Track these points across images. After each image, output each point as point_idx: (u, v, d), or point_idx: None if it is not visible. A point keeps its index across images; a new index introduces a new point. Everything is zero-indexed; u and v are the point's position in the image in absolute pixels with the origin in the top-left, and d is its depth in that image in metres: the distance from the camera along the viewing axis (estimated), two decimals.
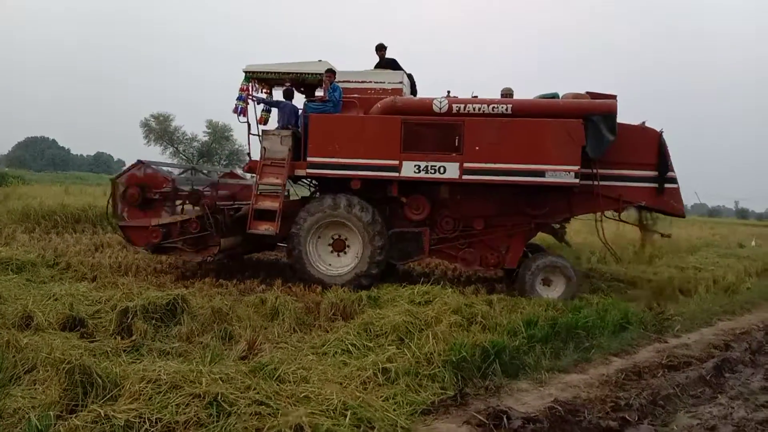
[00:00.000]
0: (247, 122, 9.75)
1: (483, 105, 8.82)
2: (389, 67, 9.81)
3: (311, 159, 9.12)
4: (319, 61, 9.61)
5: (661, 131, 8.82)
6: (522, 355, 5.65)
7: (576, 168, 8.38)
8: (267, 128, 9.90)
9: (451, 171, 8.72)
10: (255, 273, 9.77)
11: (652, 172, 8.79)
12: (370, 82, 9.52)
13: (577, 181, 8.41)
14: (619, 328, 6.85)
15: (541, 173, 8.46)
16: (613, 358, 6.05)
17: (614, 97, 8.80)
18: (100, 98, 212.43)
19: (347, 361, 5.19)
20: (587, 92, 9.00)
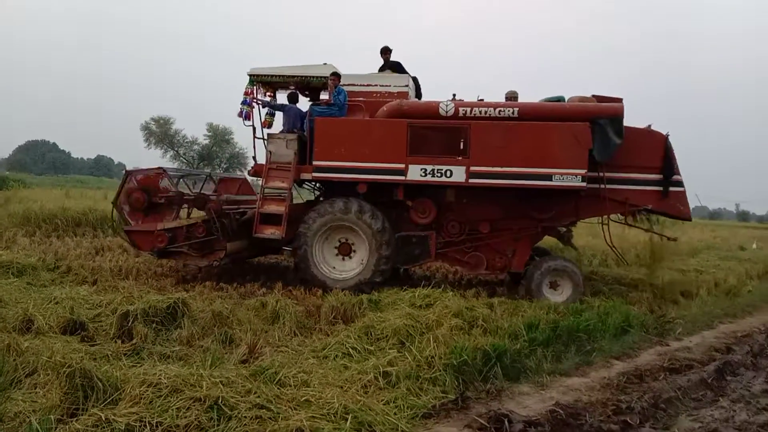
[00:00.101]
0: (252, 126, 9.74)
1: (489, 108, 8.81)
2: (394, 70, 9.80)
3: (317, 162, 9.11)
4: (324, 64, 9.61)
5: (667, 134, 8.83)
6: (523, 358, 5.64)
7: (583, 171, 8.38)
8: (272, 132, 9.89)
9: (458, 174, 8.72)
10: (255, 276, 9.77)
11: (659, 176, 8.79)
12: (376, 85, 9.50)
13: (585, 184, 8.41)
14: (621, 331, 6.84)
15: (548, 177, 8.46)
16: (614, 361, 6.04)
17: (620, 101, 8.82)
18: (100, 101, 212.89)
19: (348, 364, 5.18)
20: (593, 95, 9.00)
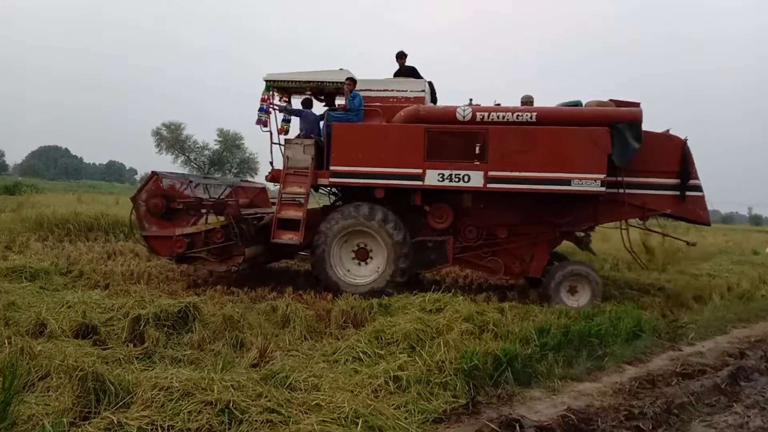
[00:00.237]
0: (269, 131, 9.78)
1: (507, 113, 8.80)
2: (410, 75, 9.80)
3: (334, 168, 9.12)
4: (340, 69, 9.63)
5: (686, 139, 8.78)
6: (534, 363, 5.60)
7: (602, 176, 8.34)
8: (289, 137, 9.92)
9: (476, 180, 8.71)
10: (266, 281, 9.79)
11: (677, 180, 8.73)
12: (392, 90, 9.52)
13: (604, 189, 8.37)
14: (633, 336, 6.78)
15: (567, 182, 8.43)
16: (626, 366, 5.98)
17: (638, 105, 8.77)
18: (112, 107, 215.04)
19: (358, 368, 5.18)
20: (611, 100, 8.97)
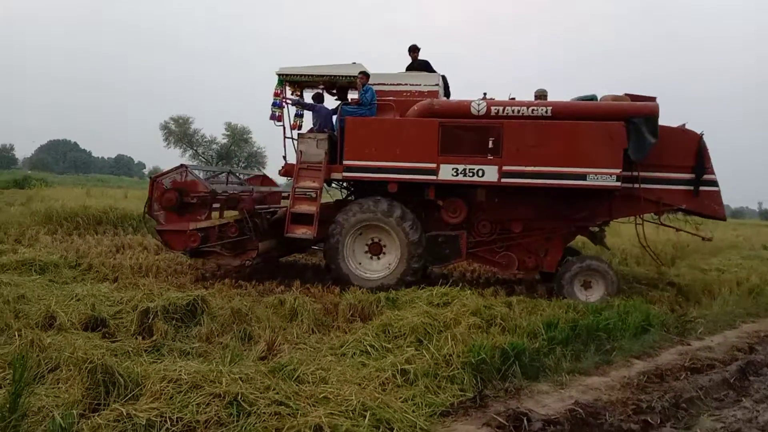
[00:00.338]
0: (282, 126, 9.78)
1: (522, 107, 8.75)
2: (423, 69, 9.76)
3: (347, 162, 9.12)
4: (353, 63, 9.60)
5: (702, 133, 8.70)
6: (542, 357, 5.60)
7: (618, 171, 8.29)
8: (302, 131, 9.92)
9: (490, 174, 8.66)
10: (274, 274, 9.82)
11: (692, 175, 8.66)
12: (406, 84, 9.46)
13: (619, 184, 8.32)
14: (641, 330, 6.75)
15: (582, 176, 8.38)
16: (634, 360, 5.97)
17: (654, 99, 8.70)
18: (112, 107, 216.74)
19: (366, 362, 5.19)
20: (626, 94, 8.91)
